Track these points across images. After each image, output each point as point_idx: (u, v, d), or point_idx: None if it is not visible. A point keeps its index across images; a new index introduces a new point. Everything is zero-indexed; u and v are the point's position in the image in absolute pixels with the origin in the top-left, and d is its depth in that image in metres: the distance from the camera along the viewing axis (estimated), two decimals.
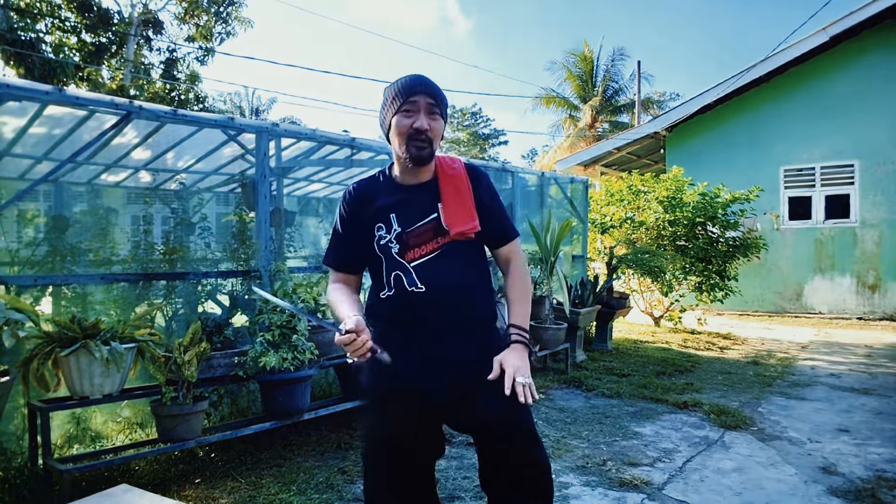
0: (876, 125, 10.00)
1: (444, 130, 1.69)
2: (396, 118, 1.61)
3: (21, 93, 3.06)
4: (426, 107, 1.61)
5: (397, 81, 1.65)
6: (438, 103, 1.64)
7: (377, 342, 1.55)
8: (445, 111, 1.68)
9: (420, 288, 1.62)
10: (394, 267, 1.64)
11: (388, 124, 1.65)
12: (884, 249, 9.97)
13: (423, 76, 1.65)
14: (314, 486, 3.07)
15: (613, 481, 3.17)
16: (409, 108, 1.60)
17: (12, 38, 12.49)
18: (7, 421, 3.16)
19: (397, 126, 1.61)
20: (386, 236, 1.65)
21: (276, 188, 5.15)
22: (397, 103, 1.61)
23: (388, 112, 1.64)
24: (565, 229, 5.76)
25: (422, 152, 1.61)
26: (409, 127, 1.59)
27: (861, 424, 4.19)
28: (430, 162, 1.68)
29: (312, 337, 3.64)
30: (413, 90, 1.60)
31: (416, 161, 1.63)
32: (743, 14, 73.40)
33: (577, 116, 25.11)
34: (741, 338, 8.23)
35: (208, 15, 17.45)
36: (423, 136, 1.60)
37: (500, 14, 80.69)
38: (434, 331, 1.65)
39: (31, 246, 3.66)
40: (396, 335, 1.66)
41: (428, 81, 1.64)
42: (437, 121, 1.63)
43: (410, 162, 1.63)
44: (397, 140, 1.62)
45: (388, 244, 1.65)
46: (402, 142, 1.61)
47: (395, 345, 1.60)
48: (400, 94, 1.61)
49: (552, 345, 5.65)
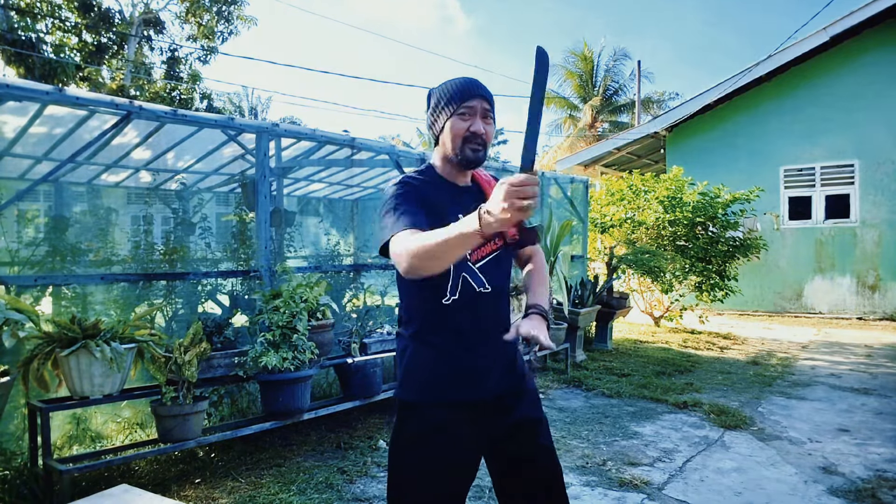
0: (876, 125, 10.00)
1: (494, 133, 1.69)
2: (452, 121, 1.61)
3: (21, 93, 3.06)
4: (482, 111, 1.62)
5: (451, 85, 1.64)
6: (492, 108, 1.65)
7: (423, 363, 1.58)
8: (495, 114, 1.68)
9: (487, 289, 1.61)
10: (462, 268, 1.58)
11: (442, 126, 1.64)
12: (884, 249, 9.96)
13: (477, 80, 1.65)
14: (314, 485, 3.07)
15: (613, 481, 3.17)
16: (466, 112, 1.60)
17: (13, 38, 12.49)
18: (7, 421, 3.16)
19: (453, 128, 1.60)
20: None
21: (276, 188, 5.15)
22: (453, 106, 1.61)
23: (443, 114, 1.63)
24: (565, 229, 5.76)
25: (477, 154, 1.62)
26: (465, 130, 1.60)
27: (861, 424, 4.19)
28: (482, 164, 1.68)
29: (313, 336, 3.64)
30: (470, 94, 1.60)
31: (471, 163, 1.63)
32: (743, 14, 73.42)
33: (577, 116, 25.10)
34: (741, 337, 8.23)
35: (210, 14, 17.44)
36: (479, 139, 1.61)
37: (500, 12, 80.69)
38: (489, 333, 1.64)
39: (31, 246, 3.66)
40: (454, 353, 1.60)
41: (483, 86, 1.64)
42: (490, 125, 1.64)
43: (465, 164, 1.62)
44: (451, 142, 1.61)
45: None
46: (458, 144, 1.61)
47: (453, 368, 1.58)
48: (456, 98, 1.61)
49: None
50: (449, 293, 1.58)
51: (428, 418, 1.57)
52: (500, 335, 1.66)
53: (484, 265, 1.62)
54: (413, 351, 1.62)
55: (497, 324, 1.68)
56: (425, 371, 1.60)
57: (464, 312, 1.60)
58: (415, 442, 1.57)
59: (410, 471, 1.57)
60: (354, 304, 5.16)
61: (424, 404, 1.58)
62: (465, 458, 1.61)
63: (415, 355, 1.62)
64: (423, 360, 1.61)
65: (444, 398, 1.58)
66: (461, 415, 1.58)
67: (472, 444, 1.61)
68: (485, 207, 1.21)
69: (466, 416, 1.59)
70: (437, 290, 1.58)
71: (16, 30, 12.86)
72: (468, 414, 1.59)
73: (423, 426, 1.57)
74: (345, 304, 5.06)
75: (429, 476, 1.56)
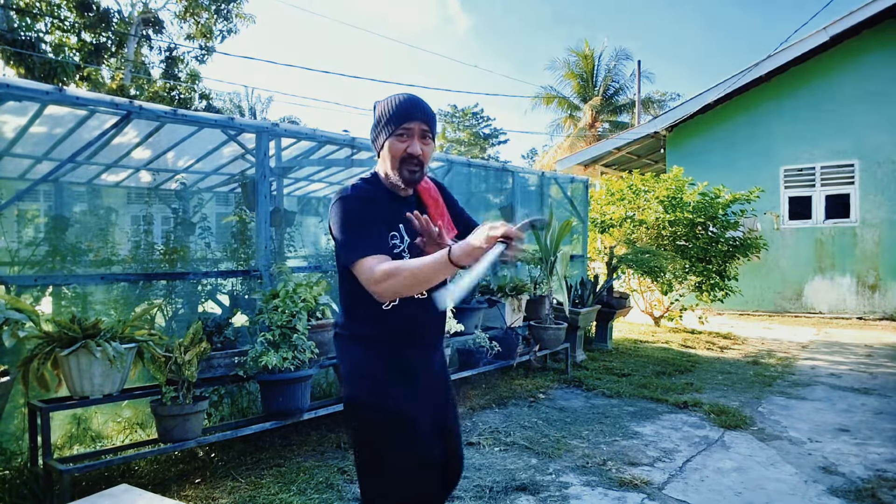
0: (876, 125, 10.00)
1: (433, 152, 1.74)
2: (390, 141, 1.65)
3: (21, 92, 3.06)
4: (420, 132, 1.65)
5: (391, 103, 1.66)
6: (431, 128, 1.68)
7: (372, 364, 1.66)
8: (435, 132, 1.72)
9: (423, 295, 1.69)
10: None
11: (381, 145, 1.68)
12: (884, 249, 9.96)
13: (417, 100, 1.67)
14: (314, 486, 3.07)
15: (613, 481, 3.17)
16: (404, 133, 1.64)
17: (12, 38, 12.49)
18: (7, 421, 3.16)
19: (391, 149, 1.65)
20: (400, 245, 1.68)
21: (276, 188, 5.15)
22: (392, 127, 1.64)
23: (382, 133, 1.67)
24: (565, 229, 5.75)
25: (414, 175, 1.66)
26: (402, 151, 1.64)
27: (861, 424, 4.19)
28: (419, 183, 1.74)
29: (312, 336, 3.64)
30: (409, 116, 1.63)
31: (408, 183, 1.68)
32: (744, 14, 73.39)
33: (577, 116, 25.10)
34: (741, 337, 8.23)
35: (208, 13, 17.43)
36: (415, 160, 1.64)
37: (500, 12, 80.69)
38: (427, 345, 1.76)
39: (31, 246, 3.66)
40: (396, 352, 1.69)
41: (423, 107, 1.67)
42: (428, 145, 1.68)
43: (402, 184, 1.68)
44: (390, 162, 1.66)
45: (401, 253, 1.67)
46: (396, 164, 1.65)
47: (396, 366, 1.68)
48: (395, 119, 1.64)
49: (552, 344, 5.65)
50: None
51: (384, 412, 1.65)
52: (434, 338, 1.80)
53: None
54: (355, 351, 1.70)
55: (431, 328, 1.79)
56: (370, 370, 1.67)
57: (405, 318, 1.69)
58: (379, 437, 1.64)
59: (389, 468, 1.63)
60: None
61: (373, 402, 1.66)
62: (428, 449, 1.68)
63: (357, 355, 1.70)
64: (364, 359, 1.68)
65: (388, 394, 1.66)
66: (409, 406, 1.67)
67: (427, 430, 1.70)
68: (456, 250, 1.35)
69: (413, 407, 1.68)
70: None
71: (16, 29, 12.86)
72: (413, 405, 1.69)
73: (382, 420, 1.64)
74: None
75: (406, 469, 1.62)
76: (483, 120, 39.95)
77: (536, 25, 79.76)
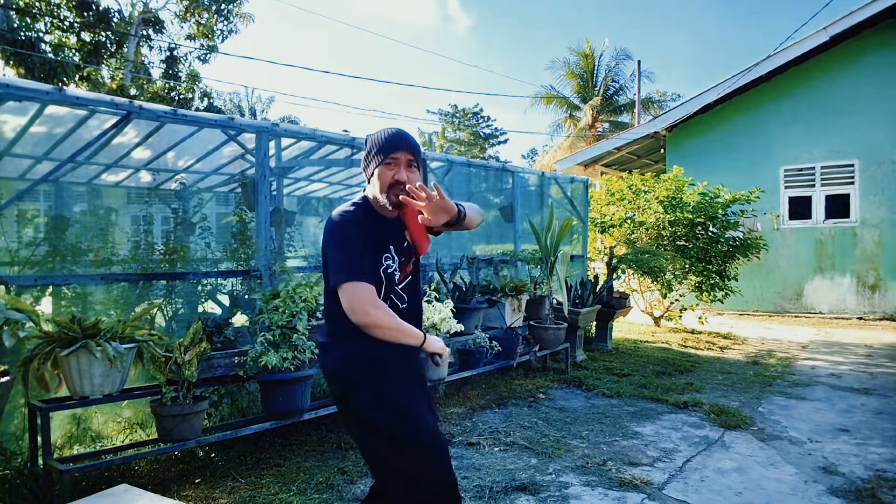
0: (876, 125, 10.00)
1: (418, 180, 1.95)
2: (380, 169, 1.87)
3: (21, 92, 3.06)
4: (406, 161, 1.88)
5: (381, 137, 1.90)
6: (416, 158, 1.90)
7: (370, 364, 1.85)
8: (420, 162, 1.95)
9: (405, 303, 1.96)
10: (390, 290, 1.91)
11: (371, 172, 1.91)
12: (884, 249, 9.96)
13: (404, 133, 1.91)
14: (314, 486, 3.07)
15: (613, 481, 3.17)
16: (391, 162, 1.86)
17: (12, 38, 12.48)
18: (7, 421, 3.16)
19: (380, 176, 1.87)
20: (392, 265, 1.91)
21: (276, 188, 5.15)
22: (381, 157, 1.87)
23: (372, 162, 1.90)
24: (565, 229, 5.75)
25: (399, 199, 1.84)
26: (391, 178, 1.86)
27: (861, 424, 4.19)
28: (403, 208, 1.92)
29: (313, 336, 3.64)
30: (395, 147, 1.86)
31: (396, 206, 1.89)
32: (744, 14, 73.41)
33: (577, 116, 25.11)
34: (741, 337, 8.23)
35: (209, 13, 17.43)
36: (402, 185, 1.84)
37: (500, 11, 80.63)
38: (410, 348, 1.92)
39: (31, 246, 3.65)
40: (391, 354, 1.86)
41: (408, 139, 1.90)
42: (413, 173, 1.90)
43: (390, 206, 1.89)
44: (379, 187, 1.87)
45: (393, 272, 1.91)
46: (384, 189, 1.87)
47: (394, 364, 1.88)
48: (383, 150, 1.87)
49: (552, 344, 5.65)
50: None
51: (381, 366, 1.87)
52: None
53: (404, 286, 1.97)
54: (351, 357, 1.87)
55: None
56: (363, 354, 1.86)
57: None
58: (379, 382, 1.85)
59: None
60: None
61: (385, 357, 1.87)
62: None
63: (348, 347, 1.88)
64: (357, 348, 1.86)
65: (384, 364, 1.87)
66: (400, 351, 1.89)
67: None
68: (430, 347, 1.85)
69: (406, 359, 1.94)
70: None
71: (16, 29, 12.86)
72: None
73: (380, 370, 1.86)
74: None
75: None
76: (483, 120, 39.94)
77: (536, 25, 79.76)
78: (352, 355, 1.85)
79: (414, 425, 1.78)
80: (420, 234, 1.99)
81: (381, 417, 1.78)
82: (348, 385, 1.84)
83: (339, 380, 1.87)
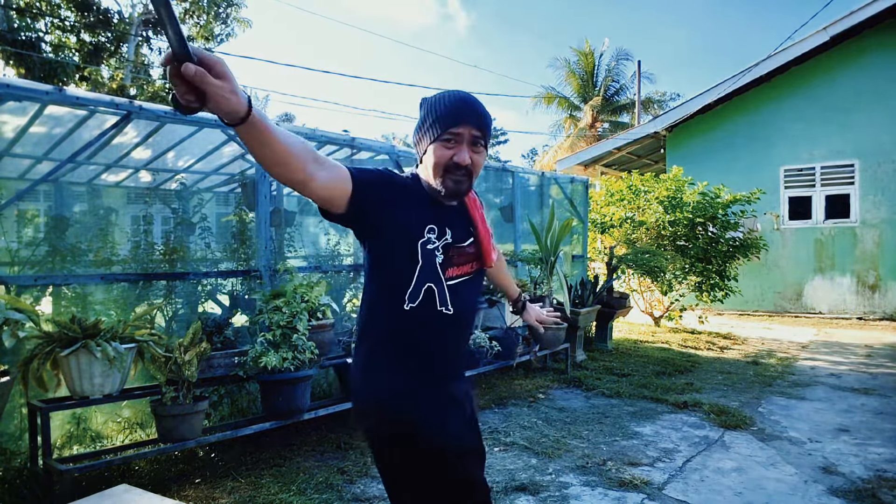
0: (876, 125, 10.00)
1: (484, 162, 1.50)
2: (435, 146, 1.42)
3: (21, 92, 3.06)
4: (470, 138, 1.42)
5: (440, 101, 1.43)
6: (485, 134, 1.44)
7: (385, 372, 1.47)
8: (490, 138, 1.48)
9: (449, 310, 1.47)
10: (428, 277, 1.45)
11: (424, 150, 1.46)
12: (884, 249, 9.96)
13: (471, 99, 1.44)
14: (314, 486, 3.07)
15: (613, 481, 3.17)
16: (451, 139, 1.41)
17: (12, 38, 12.49)
18: (7, 421, 3.16)
19: (435, 155, 1.42)
20: (435, 241, 1.46)
21: (276, 188, 5.14)
22: (437, 130, 1.41)
23: (427, 137, 1.44)
24: (565, 229, 5.75)
25: (460, 187, 1.44)
26: (448, 159, 1.41)
27: (861, 424, 4.19)
28: (465, 195, 1.52)
29: (313, 336, 3.64)
30: (458, 119, 1.40)
31: (453, 196, 1.47)
32: (744, 14, 73.40)
33: (577, 116, 25.10)
34: (741, 337, 8.23)
35: (208, 15, 17.45)
36: (463, 170, 1.42)
37: (500, 10, 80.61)
38: (447, 363, 1.55)
39: (31, 246, 3.66)
40: (412, 367, 1.49)
41: (477, 108, 1.43)
42: (480, 153, 1.45)
43: (446, 196, 1.46)
44: (433, 170, 1.43)
45: (434, 250, 1.46)
46: (439, 173, 1.43)
47: (413, 381, 1.49)
48: (441, 121, 1.41)
49: (552, 345, 5.65)
50: (409, 301, 1.44)
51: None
52: (460, 372, 1.59)
53: (454, 285, 1.49)
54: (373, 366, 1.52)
55: (459, 354, 1.59)
56: (387, 379, 1.50)
57: (426, 329, 1.48)
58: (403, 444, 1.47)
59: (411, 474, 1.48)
60: (354, 303, 5.15)
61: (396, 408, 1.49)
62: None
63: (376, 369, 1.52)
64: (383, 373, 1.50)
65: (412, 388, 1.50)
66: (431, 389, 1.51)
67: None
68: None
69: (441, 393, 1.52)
70: (398, 292, 1.45)
71: (16, 30, 12.86)
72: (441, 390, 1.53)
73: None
74: (345, 304, 5.06)
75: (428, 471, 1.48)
76: None
77: (537, 25, 79.72)
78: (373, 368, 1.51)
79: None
80: (486, 236, 1.57)
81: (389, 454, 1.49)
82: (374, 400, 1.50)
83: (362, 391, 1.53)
